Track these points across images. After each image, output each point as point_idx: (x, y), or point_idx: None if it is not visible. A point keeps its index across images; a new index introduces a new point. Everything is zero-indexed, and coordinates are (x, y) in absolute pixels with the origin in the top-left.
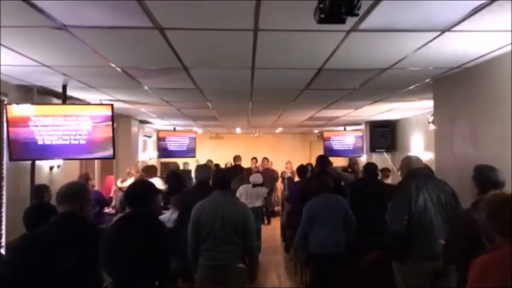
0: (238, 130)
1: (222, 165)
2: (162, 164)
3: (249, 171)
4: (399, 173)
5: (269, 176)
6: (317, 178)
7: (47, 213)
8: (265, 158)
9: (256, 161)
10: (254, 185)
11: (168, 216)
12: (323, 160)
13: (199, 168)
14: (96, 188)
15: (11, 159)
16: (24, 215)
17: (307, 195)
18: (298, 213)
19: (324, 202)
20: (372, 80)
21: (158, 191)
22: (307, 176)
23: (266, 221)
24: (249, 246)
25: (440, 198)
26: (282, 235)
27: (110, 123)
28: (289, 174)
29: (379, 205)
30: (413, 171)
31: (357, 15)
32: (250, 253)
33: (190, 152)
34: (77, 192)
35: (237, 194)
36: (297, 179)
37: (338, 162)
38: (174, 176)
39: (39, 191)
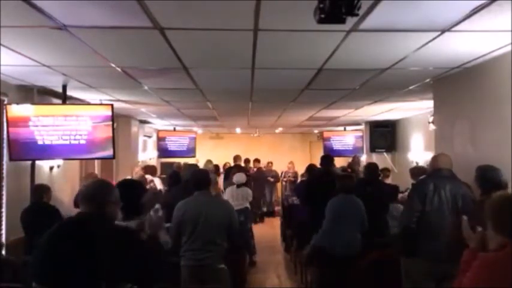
0: (238, 130)
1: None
2: (163, 164)
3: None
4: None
5: (262, 178)
6: (341, 178)
7: (44, 213)
8: (256, 160)
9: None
10: (238, 185)
11: None
12: (327, 160)
13: (186, 167)
14: None
15: (11, 159)
16: (21, 215)
17: (312, 195)
18: (299, 212)
19: (347, 203)
20: (372, 80)
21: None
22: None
23: (258, 219)
24: (238, 244)
25: (457, 202)
26: (282, 235)
27: (110, 123)
28: (290, 175)
29: (380, 205)
30: (437, 170)
31: (357, 15)
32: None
33: (190, 152)
34: (94, 193)
35: (225, 197)
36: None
37: (338, 162)
38: (175, 176)
39: (39, 191)
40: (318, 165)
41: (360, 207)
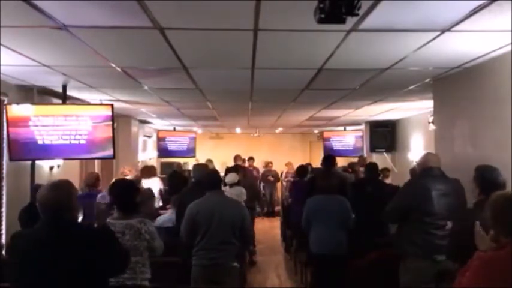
0: (238, 130)
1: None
2: (163, 164)
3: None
4: (417, 168)
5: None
6: (322, 178)
7: None
8: (247, 159)
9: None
10: (231, 185)
11: (169, 216)
12: (329, 160)
13: (196, 167)
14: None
15: (11, 159)
16: (19, 215)
17: (308, 195)
18: (298, 213)
19: (327, 202)
20: (372, 80)
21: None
22: (306, 176)
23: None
24: (246, 243)
25: (450, 199)
26: (282, 235)
27: (110, 123)
28: (290, 176)
29: (380, 205)
30: (428, 169)
31: (357, 15)
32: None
33: (190, 152)
34: (52, 201)
35: None
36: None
37: (338, 162)
38: (175, 175)
39: (37, 191)
40: (317, 166)
41: (342, 206)
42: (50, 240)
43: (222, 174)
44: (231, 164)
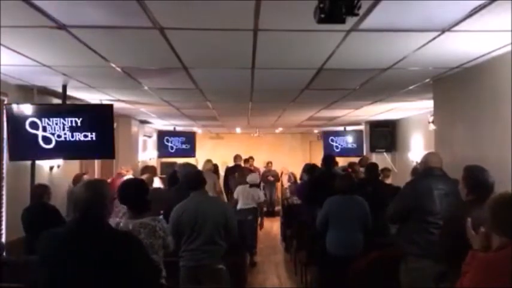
0: (238, 130)
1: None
2: (163, 164)
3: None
4: (419, 168)
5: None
6: (344, 178)
7: (45, 213)
8: (250, 158)
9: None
10: (251, 185)
11: None
12: (330, 160)
13: (183, 167)
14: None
15: (11, 159)
16: (22, 215)
17: (315, 194)
18: (301, 213)
19: (347, 203)
20: (372, 80)
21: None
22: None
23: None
24: (236, 242)
25: (451, 199)
26: (282, 235)
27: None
28: (286, 181)
29: (380, 205)
30: (428, 170)
31: (357, 15)
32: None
33: (190, 152)
34: (91, 199)
35: (234, 196)
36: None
37: (338, 162)
38: (175, 175)
39: (39, 191)
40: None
41: (361, 207)
42: (77, 238)
43: (221, 174)
44: (231, 164)
